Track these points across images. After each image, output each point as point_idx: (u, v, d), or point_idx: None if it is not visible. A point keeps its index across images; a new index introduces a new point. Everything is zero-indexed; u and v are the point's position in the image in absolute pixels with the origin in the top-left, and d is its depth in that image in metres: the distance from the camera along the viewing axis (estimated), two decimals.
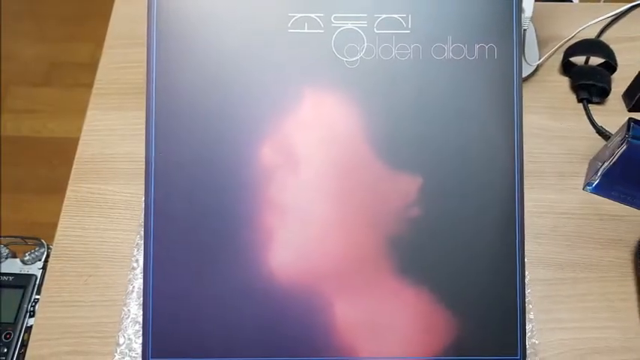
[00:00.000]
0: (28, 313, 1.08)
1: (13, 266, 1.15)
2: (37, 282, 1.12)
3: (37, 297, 1.10)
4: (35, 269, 1.14)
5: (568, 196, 0.99)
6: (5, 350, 1.04)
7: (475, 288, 0.80)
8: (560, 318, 0.89)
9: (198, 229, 0.79)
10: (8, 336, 1.05)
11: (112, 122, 1.06)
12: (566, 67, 1.12)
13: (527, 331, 0.85)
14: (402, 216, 0.79)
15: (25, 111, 2.50)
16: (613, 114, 1.07)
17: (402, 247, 0.79)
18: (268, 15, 0.79)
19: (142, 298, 0.82)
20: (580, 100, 1.09)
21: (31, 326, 1.04)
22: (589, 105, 1.08)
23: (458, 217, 0.80)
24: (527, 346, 0.85)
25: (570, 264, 0.93)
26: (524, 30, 1.04)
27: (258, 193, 0.79)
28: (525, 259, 0.83)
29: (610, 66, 1.09)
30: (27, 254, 1.16)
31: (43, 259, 1.15)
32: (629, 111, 1.05)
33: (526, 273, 0.89)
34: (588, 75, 1.08)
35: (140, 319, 0.87)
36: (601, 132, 1.04)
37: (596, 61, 1.10)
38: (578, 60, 1.12)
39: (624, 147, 0.88)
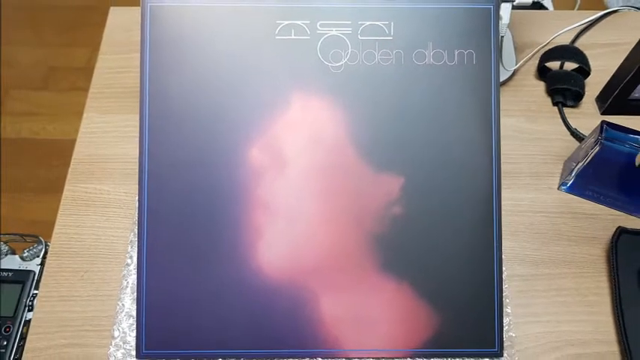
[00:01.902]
0: (27, 308, 1.08)
1: (13, 262, 1.14)
2: (36, 277, 1.11)
3: (36, 292, 1.09)
4: (34, 265, 1.14)
5: (544, 195, 0.99)
6: (5, 343, 1.04)
7: (455, 283, 0.80)
8: (536, 312, 0.89)
9: (189, 227, 0.80)
10: (8, 329, 1.05)
11: (108, 124, 1.05)
12: (542, 72, 1.12)
13: (504, 325, 0.85)
14: (385, 214, 0.79)
15: (25, 114, 2.49)
16: (586, 117, 1.07)
17: (384, 244, 0.80)
18: (256, 22, 0.79)
19: (135, 293, 0.82)
20: (555, 104, 1.09)
21: (29, 320, 1.04)
22: (564, 108, 1.08)
23: (438, 215, 0.80)
24: (505, 339, 0.85)
25: (546, 260, 0.93)
26: (502, 36, 1.04)
27: (247, 192, 0.79)
28: (503, 256, 0.84)
29: (584, 71, 1.09)
30: (26, 251, 1.15)
31: (41, 256, 1.15)
32: (602, 114, 1.06)
33: (503, 269, 0.89)
34: (563, 79, 1.08)
35: (134, 313, 0.86)
36: (575, 134, 1.04)
37: (570, 66, 1.10)
38: (554, 65, 1.12)
39: (597, 148, 0.88)
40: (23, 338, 1.05)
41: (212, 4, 0.80)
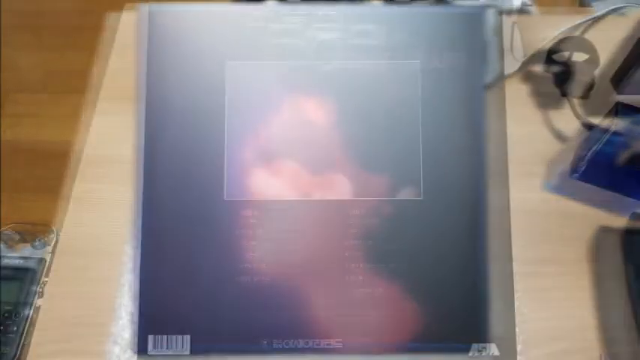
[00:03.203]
0: (28, 305, 1.08)
1: (13, 260, 1.14)
2: (36, 275, 1.12)
3: (36, 289, 1.10)
4: (33, 263, 1.14)
5: (530, 195, 1.00)
6: (6, 339, 1.04)
7: (443, 280, 0.80)
8: (523, 309, 0.90)
9: (183, 225, 0.80)
10: (8, 327, 1.05)
11: (105, 126, 1.05)
12: (529, 76, 1.13)
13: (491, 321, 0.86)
14: (375, 213, 0.80)
15: (24, 115, 2.49)
16: (571, 119, 1.08)
17: (374, 243, 0.80)
18: (251, 26, 0.79)
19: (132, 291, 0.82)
20: (541, 106, 1.09)
21: (31, 316, 1.04)
22: (549, 111, 1.09)
23: (427, 214, 0.80)
24: (492, 335, 0.85)
25: (532, 258, 0.94)
26: (490, 40, 1.05)
27: (240, 191, 0.80)
28: (490, 254, 0.84)
29: (569, 74, 1.09)
30: (25, 249, 1.15)
31: (40, 254, 1.15)
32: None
33: (490, 267, 0.89)
34: (548, 81, 1.08)
35: (131, 310, 0.87)
36: (560, 136, 1.05)
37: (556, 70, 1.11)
38: (541, 68, 1.12)
39: (584, 150, 0.89)
40: (25, 334, 1.05)
41: (208, 9, 0.80)
